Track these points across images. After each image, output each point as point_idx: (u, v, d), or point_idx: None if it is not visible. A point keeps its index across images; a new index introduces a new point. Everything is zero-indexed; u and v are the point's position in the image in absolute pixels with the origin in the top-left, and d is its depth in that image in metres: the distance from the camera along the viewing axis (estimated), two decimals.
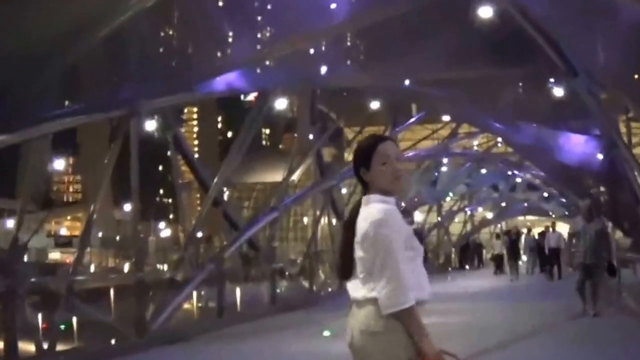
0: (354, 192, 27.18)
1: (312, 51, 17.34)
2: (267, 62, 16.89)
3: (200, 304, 21.33)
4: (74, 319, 16.52)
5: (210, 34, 15.13)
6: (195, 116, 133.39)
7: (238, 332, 15.63)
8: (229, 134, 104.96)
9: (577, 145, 21.04)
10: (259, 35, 15.20)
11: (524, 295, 23.23)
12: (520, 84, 19.17)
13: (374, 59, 18.68)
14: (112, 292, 19.71)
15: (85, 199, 67.89)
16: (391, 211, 3.74)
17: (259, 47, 15.31)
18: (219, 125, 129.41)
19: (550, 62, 16.38)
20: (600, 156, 20.61)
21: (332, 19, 15.21)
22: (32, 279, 14.24)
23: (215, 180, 18.64)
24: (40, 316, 15.54)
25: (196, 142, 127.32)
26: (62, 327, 15.28)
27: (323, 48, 17.82)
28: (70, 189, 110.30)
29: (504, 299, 21.52)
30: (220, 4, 15.11)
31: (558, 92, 17.60)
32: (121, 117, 14.85)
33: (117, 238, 69.39)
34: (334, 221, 26.61)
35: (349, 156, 42.70)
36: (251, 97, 22.54)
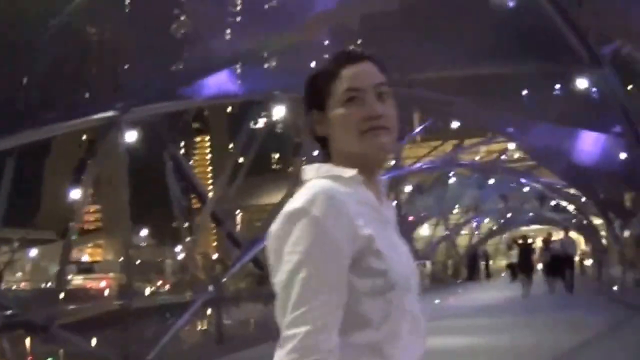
0: None
1: (310, 48, 14.80)
2: (262, 63, 14.40)
3: (203, 328, 18.96)
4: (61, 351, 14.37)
5: (195, 28, 12.66)
6: (207, 144, 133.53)
7: None
8: (241, 160, 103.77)
9: (596, 145, 18.51)
10: (249, 30, 12.71)
11: (538, 308, 19.61)
12: (536, 81, 16.60)
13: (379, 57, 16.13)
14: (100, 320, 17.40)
15: (105, 227, 66.58)
16: (331, 196, 1.74)
17: (249, 42, 12.78)
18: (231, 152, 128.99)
19: (572, 52, 13.80)
20: (623, 155, 18.06)
21: (326, 9, 12.71)
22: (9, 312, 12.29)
23: (210, 196, 16.42)
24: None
25: (210, 168, 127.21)
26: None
27: (323, 43, 15.32)
28: (91, 218, 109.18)
29: (520, 314, 18.06)
30: None
31: (580, 84, 14.96)
32: (98, 129, 12.46)
33: (137, 262, 67.69)
34: None
35: None
36: (261, 124, 20.66)
